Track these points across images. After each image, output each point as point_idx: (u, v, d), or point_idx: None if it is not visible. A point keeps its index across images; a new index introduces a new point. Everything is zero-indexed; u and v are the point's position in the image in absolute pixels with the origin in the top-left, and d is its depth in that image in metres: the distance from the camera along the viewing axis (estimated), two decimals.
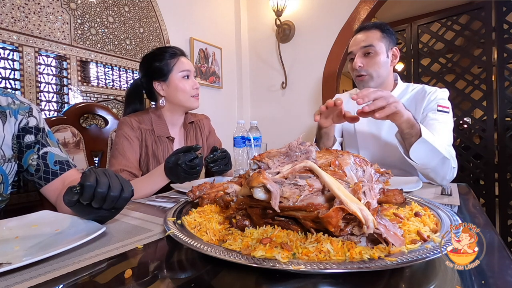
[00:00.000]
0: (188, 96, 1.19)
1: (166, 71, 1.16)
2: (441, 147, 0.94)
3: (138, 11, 1.88)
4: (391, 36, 1.19)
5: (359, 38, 1.20)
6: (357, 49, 1.19)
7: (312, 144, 0.55)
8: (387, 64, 1.19)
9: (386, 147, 1.22)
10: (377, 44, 1.16)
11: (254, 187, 0.42)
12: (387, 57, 1.18)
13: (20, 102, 0.81)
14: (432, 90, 1.18)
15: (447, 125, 1.09)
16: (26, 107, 0.82)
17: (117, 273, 0.39)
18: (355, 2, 2.26)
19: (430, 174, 0.99)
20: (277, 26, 2.51)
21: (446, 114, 1.11)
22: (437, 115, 1.10)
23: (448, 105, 1.14)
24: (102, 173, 0.55)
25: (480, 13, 2.14)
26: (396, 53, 1.21)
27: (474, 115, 2.24)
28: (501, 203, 2.10)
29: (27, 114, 0.81)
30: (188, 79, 1.19)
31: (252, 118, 2.80)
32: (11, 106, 0.79)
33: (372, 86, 1.21)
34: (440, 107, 1.12)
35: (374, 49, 1.16)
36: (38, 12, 1.42)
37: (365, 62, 1.18)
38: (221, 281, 0.37)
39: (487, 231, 0.52)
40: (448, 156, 0.95)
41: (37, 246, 0.47)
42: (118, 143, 1.10)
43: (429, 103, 1.15)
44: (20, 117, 0.80)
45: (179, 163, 0.87)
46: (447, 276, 0.37)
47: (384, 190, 0.57)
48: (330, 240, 0.39)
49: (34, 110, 0.83)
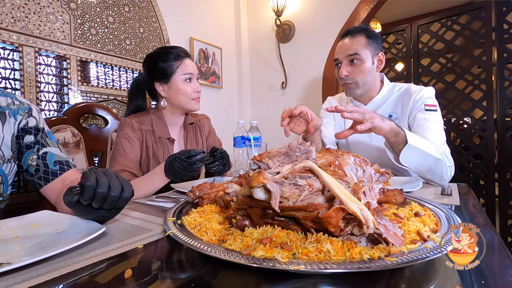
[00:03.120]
0: (189, 99, 1.18)
1: (169, 73, 1.16)
2: (431, 149, 0.94)
3: (138, 11, 1.89)
4: (377, 41, 1.20)
5: (345, 45, 1.20)
6: (343, 57, 1.20)
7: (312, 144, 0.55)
8: (373, 70, 1.20)
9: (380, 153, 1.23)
10: (362, 52, 1.16)
11: (254, 187, 0.42)
12: (372, 63, 1.19)
13: (19, 102, 0.81)
14: (417, 89, 1.18)
15: (437, 123, 1.10)
16: (26, 108, 0.81)
17: (117, 273, 0.39)
18: (355, 2, 2.26)
19: (427, 175, 1.00)
20: (277, 26, 2.51)
21: (435, 113, 1.12)
22: (425, 115, 1.11)
23: (435, 103, 1.14)
24: (102, 173, 0.55)
25: (480, 13, 2.14)
26: (382, 58, 1.22)
27: (474, 115, 2.24)
28: (501, 203, 2.10)
29: (27, 114, 0.81)
30: (191, 82, 1.19)
31: (252, 118, 2.80)
32: (10, 107, 0.78)
33: (358, 93, 1.24)
34: (428, 106, 1.12)
35: (359, 57, 1.17)
36: (38, 12, 1.42)
37: (350, 70, 1.19)
38: (221, 281, 0.37)
39: (487, 231, 0.52)
40: (440, 157, 0.95)
41: (37, 246, 0.47)
42: (118, 144, 1.10)
43: (415, 103, 1.15)
44: (19, 118, 0.79)
45: (176, 156, 0.91)
46: (447, 276, 0.37)
47: (384, 190, 0.57)
48: (330, 240, 0.39)
49: (33, 110, 0.83)
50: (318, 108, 2.47)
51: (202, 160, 0.94)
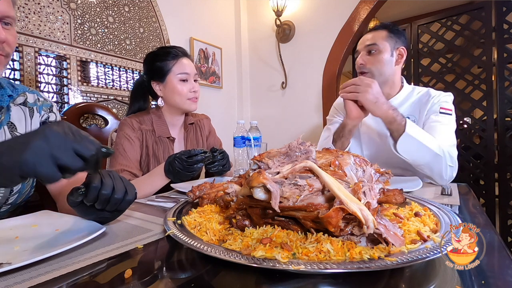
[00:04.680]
0: (185, 99, 1.17)
1: (164, 72, 1.16)
2: (431, 144, 0.96)
3: (138, 11, 1.88)
4: (399, 36, 1.20)
5: (365, 38, 1.23)
6: (362, 48, 1.22)
7: (312, 144, 0.55)
8: (391, 62, 1.19)
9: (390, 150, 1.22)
10: (381, 43, 1.18)
11: (254, 187, 0.42)
12: (391, 55, 1.19)
13: (43, 99, 0.89)
14: (436, 93, 1.19)
15: (448, 126, 1.10)
16: (48, 104, 0.90)
17: (117, 273, 0.39)
18: (355, 2, 2.26)
19: (425, 170, 1.01)
20: (277, 26, 2.51)
21: (449, 116, 1.12)
22: (439, 117, 1.11)
23: (451, 107, 1.15)
24: (107, 175, 0.55)
25: (480, 13, 2.14)
26: (403, 52, 1.21)
27: (474, 115, 2.24)
28: (501, 203, 2.10)
29: (49, 110, 0.89)
30: (187, 81, 1.18)
31: (252, 118, 2.80)
32: (37, 103, 0.86)
33: None
34: (443, 109, 1.13)
35: (377, 47, 1.18)
36: (38, 12, 1.42)
37: (367, 59, 1.20)
38: (221, 281, 0.37)
39: (487, 231, 0.52)
40: (440, 153, 0.96)
41: (37, 246, 0.47)
42: (119, 144, 1.10)
43: (432, 105, 1.16)
44: (43, 113, 0.87)
45: (176, 156, 0.92)
46: (447, 276, 0.37)
47: (384, 190, 0.57)
48: (330, 240, 0.39)
49: (54, 107, 0.91)
50: (318, 108, 2.48)
51: (203, 160, 0.95)
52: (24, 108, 0.82)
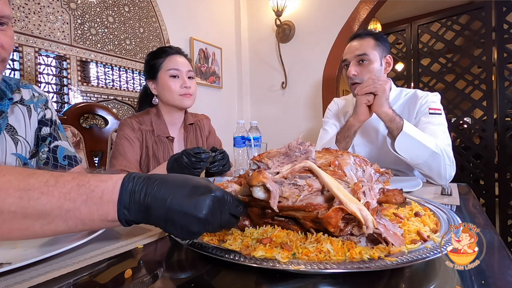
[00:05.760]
0: (176, 95, 1.17)
1: (155, 69, 1.17)
2: (429, 142, 0.97)
3: (138, 11, 1.88)
4: (385, 44, 1.21)
5: (353, 46, 1.21)
6: (352, 57, 1.21)
7: (312, 144, 0.55)
8: (381, 72, 1.20)
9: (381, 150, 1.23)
10: (371, 53, 1.17)
11: (254, 186, 0.42)
12: (380, 65, 1.20)
13: (38, 94, 0.83)
14: (423, 94, 1.20)
15: (441, 126, 1.11)
16: (43, 99, 0.83)
17: (117, 273, 0.39)
18: (355, 2, 2.26)
19: (424, 169, 1.01)
20: (277, 26, 2.51)
21: (439, 116, 1.13)
22: (429, 118, 1.12)
23: (440, 107, 1.16)
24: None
25: (480, 13, 2.14)
26: (390, 61, 1.23)
27: (474, 115, 2.24)
28: (501, 203, 2.10)
29: (44, 106, 0.83)
30: (178, 78, 1.17)
31: (252, 118, 2.80)
32: (33, 100, 0.80)
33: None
34: (432, 110, 1.14)
35: (368, 57, 1.17)
36: (38, 12, 1.42)
37: (359, 70, 1.19)
38: (221, 281, 0.37)
39: (487, 231, 0.52)
40: (438, 152, 0.97)
41: (37, 246, 0.47)
42: (118, 144, 1.10)
43: (420, 107, 1.17)
44: (39, 110, 0.82)
45: (184, 152, 0.91)
46: (447, 276, 0.37)
47: (384, 190, 0.57)
48: (330, 240, 0.39)
49: (49, 102, 0.85)
50: (318, 108, 2.48)
51: (208, 159, 0.95)
52: (22, 107, 0.78)
